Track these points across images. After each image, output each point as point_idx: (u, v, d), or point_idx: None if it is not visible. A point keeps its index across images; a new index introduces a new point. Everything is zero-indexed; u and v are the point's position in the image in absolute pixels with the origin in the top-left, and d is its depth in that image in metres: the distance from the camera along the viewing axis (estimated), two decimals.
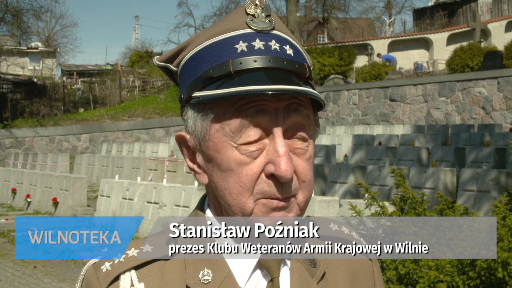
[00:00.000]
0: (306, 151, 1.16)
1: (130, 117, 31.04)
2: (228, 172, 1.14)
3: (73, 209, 15.15)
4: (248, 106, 1.12)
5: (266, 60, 1.13)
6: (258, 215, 1.13)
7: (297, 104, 1.14)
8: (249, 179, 1.12)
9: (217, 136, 1.15)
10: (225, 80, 1.13)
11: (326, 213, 8.92)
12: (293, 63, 1.15)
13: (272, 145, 1.12)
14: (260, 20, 1.16)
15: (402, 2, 48.47)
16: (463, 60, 26.99)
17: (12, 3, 29.23)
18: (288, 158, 1.10)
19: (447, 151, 14.16)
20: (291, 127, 1.14)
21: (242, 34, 1.15)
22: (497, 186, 9.97)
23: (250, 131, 1.12)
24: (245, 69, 1.12)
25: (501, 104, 19.96)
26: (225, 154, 1.14)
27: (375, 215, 4.79)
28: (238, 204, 1.13)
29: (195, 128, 1.18)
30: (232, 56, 1.14)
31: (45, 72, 44.67)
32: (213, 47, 1.16)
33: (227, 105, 1.13)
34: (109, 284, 1.16)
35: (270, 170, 1.11)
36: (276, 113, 1.13)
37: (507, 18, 36.78)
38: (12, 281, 9.15)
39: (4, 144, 27.05)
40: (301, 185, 1.15)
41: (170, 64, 1.24)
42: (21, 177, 17.71)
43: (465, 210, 4.55)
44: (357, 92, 25.34)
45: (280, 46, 1.16)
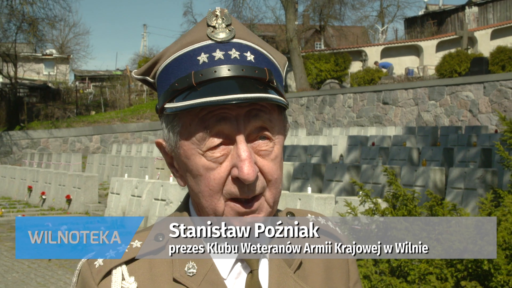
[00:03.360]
0: (271, 152, 1.17)
1: (139, 119, 31.05)
2: (198, 177, 1.16)
3: (85, 205, 15.16)
4: (210, 116, 1.13)
5: (225, 70, 1.12)
6: (229, 217, 1.15)
7: (257, 110, 1.14)
8: (217, 182, 1.14)
9: (185, 144, 1.16)
10: (189, 91, 1.13)
11: (323, 209, 8.93)
12: (252, 69, 1.14)
13: (235, 150, 1.13)
14: (220, 30, 1.16)
15: (394, 11, 48.52)
16: (451, 66, 27.00)
17: (29, 13, 29.25)
18: (250, 162, 1.11)
19: (436, 151, 14.16)
20: (253, 131, 1.14)
21: (204, 46, 1.15)
22: (483, 184, 9.97)
23: (213, 138, 1.13)
24: (206, 80, 1.12)
25: (487, 107, 19.96)
26: (194, 160, 1.15)
27: (369, 211, 4.79)
28: (210, 206, 1.15)
29: (168, 137, 1.20)
30: (194, 68, 1.14)
31: (59, 77, 44.72)
32: (179, 60, 1.16)
33: (192, 115, 1.14)
34: (101, 278, 1.17)
35: (235, 174, 1.12)
36: (237, 120, 1.13)
37: (492, 26, 36.77)
38: (28, 273, 9.16)
39: (21, 144, 27.07)
40: (268, 184, 1.16)
41: (147, 76, 1.24)
42: (36, 175, 17.72)
43: (453, 206, 4.55)
44: (352, 96, 25.34)
45: (240, 54, 1.15)
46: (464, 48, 30.41)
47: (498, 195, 4.67)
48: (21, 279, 8.84)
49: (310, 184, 12.48)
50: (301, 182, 13.32)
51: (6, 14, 29.40)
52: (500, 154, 4.94)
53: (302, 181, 13.30)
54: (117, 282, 1.17)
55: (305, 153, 17.32)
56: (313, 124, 26.85)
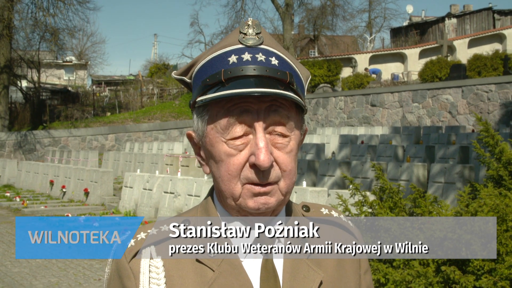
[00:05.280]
0: (287, 146, 1.18)
1: (150, 119, 31.03)
2: (220, 162, 1.18)
3: (101, 198, 15.16)
4: (234, 108, 1.15)
5: (251, 69, 1.15)
6: (245, 198, 1.16)
7: (276, 106, 1.16)
8: (236, 168, 1.16)
9: (211, 133, 1.19)
10: (219, 86, 1.16)
11: (317, 201, 8.93)
12: (275, 71, 1.16)
13: (254, 140, 1.15)
14: (250, 37, 1.19)
15: (381, 22, 48.45)
16: (432, 71, 26.97)
17: (51, 24, 29.23)
18: (266, 151, 1.13)
19: (419, 148, 14.16)
20: (271, 125, 1.16)
21: (235, 49, 1.18)
22: (461, 178, 9.96)
23: (236, 128, 1.15)
24: (233, 77, 1.15)
25: (464, 109, 19.95)
26: (217, 147, 1.18)
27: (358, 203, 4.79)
28: (228, 189, 1.17)
29: (197, 127, 1.23)
30: (224, 67, 1.17)
31: (78, 81, 44.70)
32: (212, 61, 1.19)
33: (219, 107, 1.17)
34: (132, 256, 1.19)
35: (252, 161, 1.14)
36: (258, 113, 1.15)
37: (469, 36, 36.76)
38: (50, 259, 9.16)
39: (43, 143, 27.06)
40: (283, 174, 1.17)
41: (184, 77, 1.27)
42: (57, 171, 17.72)
43: (434, 199, 4.54)
44: (343, 99, 25.33)
45: (266, 58, 1.18)
46: (444, 55, 30.37)
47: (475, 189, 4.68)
48: (44, 264, 8.84)
49: (305, 178, 12.48)
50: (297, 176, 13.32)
51: (30, 25, 29.40)
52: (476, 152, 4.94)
53: (298, 175, 13.30)
54: (145, 261, 1.19)
55: (301, 150, 17.32)
56: (308, 124, 26.85)
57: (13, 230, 11.82)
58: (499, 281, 3.52)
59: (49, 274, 8.29)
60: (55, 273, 8.32)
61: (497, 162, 4.79)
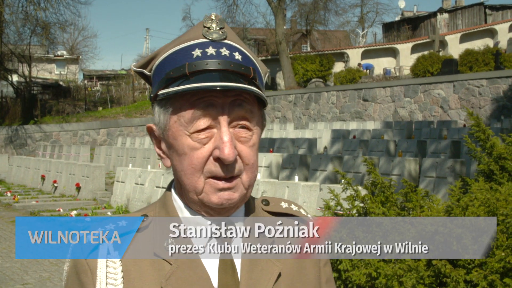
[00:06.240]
0: (250, 139, 1.19)
1: (142, 114, 30.95)
2: (183, 156, 1.18)
3: (93, 193, 15.12)
4: (199, 101, 1.15)
5: (216, 63, 1.16)
6: (208, 193, 1.17)
7: (241, 100, 1.17)
8: (199, 161, 1.16)
9: (174, 126, 1.18)
10: (182, 80, 1.16)
11: (309, 196, 8.94)
12: (240, 66, 1.17)
13: (218, 134, 1.16)
14: (214, 31, 1.19)
15: (373, 17, 48.48)
16: (424, 66, 27.07)
17: (42, 18, 29.04)
18: (231, 144, 1.14)
19: (411, 143, 14.20)
20: (235, 119, 1.17)
21: (199, 43, 1.19)
22: (453, 173, 10.01)
23: (200, 121, 1.16)
24: (198, 70, 1.15)
25: (456, 104, 20.03)
26: (180, 141, 1.18)
27: (350, 197, 4.80)
28: (191, 183, 1.17)
29: (159, 120, 1.22)
30: (188, 60, 1.17)
31: (69, 76, 44.47)
32: (175, 54, 1.19)
33: (183, 100, 1.17)
34: (89, 252, 1.19)
35: (216, 154, 1.15)
36: (223, 107, 1.16)
37: (461, 31, 36.88)
38: None
39: (35, 137, 26.94)
40: (245, 167, 1.18)
41: (144, 70, 1.26)
42: (49, 165, 17.64)
43: (426, 193, 4.57)
44: (335, 93, 25.36)
45: (229, 53, 1.18)
46: (436, 50, 30.47)
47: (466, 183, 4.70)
48: (35, 259, 8.81)
49: (297, 173, 12.49)
50: (289, 171, 13.33)
51: (21, 19, 29.20)
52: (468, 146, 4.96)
53: (290, 170, 13.31)
54: (103, 256, 1.18)
55: (293, 145, 17.33)
56: (300, 119, 26.86)
57: (4, 225, 11.76)
58: (489, 274, 3.55)
59: (41, 269, 8.27)
60: (47, 268, 8.30)
61: (488, 157, 4.81)
